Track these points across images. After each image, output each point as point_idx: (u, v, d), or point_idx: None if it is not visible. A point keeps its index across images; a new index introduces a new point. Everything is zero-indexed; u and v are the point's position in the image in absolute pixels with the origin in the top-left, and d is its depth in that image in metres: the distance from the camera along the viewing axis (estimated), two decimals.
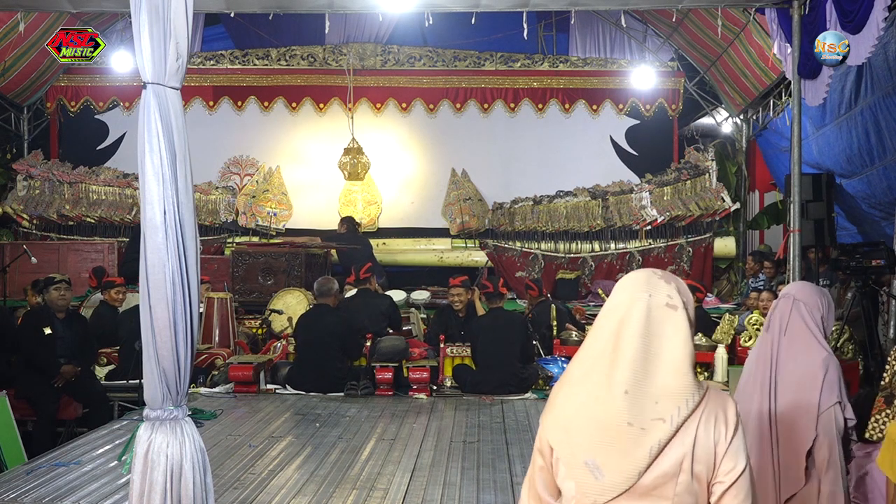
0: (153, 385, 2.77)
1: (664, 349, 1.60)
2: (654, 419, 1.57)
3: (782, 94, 10.15)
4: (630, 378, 1.59)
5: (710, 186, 11.52)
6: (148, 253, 2.71)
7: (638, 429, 1.57)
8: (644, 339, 1.61)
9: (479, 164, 12.27)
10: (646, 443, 1.57)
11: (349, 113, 11.84)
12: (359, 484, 4.56)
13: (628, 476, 1.57)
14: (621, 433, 1.58)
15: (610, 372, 1.61)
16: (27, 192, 11.66)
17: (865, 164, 7.85)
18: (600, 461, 1.59)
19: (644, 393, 1.58)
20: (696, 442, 1.59)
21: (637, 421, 1.57)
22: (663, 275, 1.71)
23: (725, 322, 8.36)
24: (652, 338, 1.61)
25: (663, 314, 1.63)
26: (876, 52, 6.21)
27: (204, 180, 11.82)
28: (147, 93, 2.70)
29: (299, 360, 7.32)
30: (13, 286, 9.54)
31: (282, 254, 9.71)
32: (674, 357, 1.60)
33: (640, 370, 1.59)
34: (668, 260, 11.48)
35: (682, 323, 1.63)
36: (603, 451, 1.59)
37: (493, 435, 5.72)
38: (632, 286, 1.68)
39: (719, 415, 1.62)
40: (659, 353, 1.60)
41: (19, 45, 10.25)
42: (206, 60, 12.27)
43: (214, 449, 5.16)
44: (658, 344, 1.61)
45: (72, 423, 6.67)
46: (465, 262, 11.74)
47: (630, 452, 1.57)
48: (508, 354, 7.17)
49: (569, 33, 12.53)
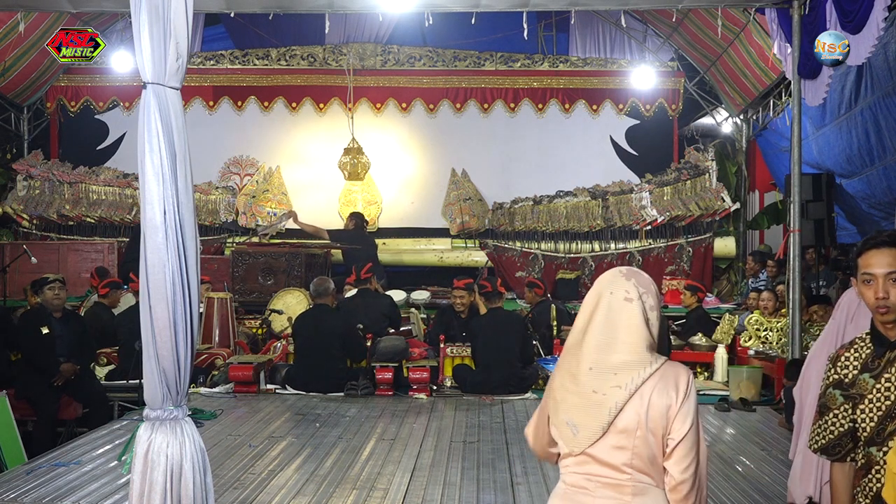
0: (153, 385, 2.77)
1: (620, 333, 2.08)
2: (612, 387, 2.05)
3: (782, 94, 10.15)
4: (594, 358, 2.08)
5: (710, 186, 11.51)
6: (148, 253, 2.70)
7: (601, 395, 2.05)
8: (605, 326, 2.10)
9: (479, 164, 12.27)
10: (607, 405, 2.04)
11: (349, 113, 11.84)
12: (359, 484, 4.56)
13: (595, 431, 2.05)
14: (589, 399, 2.07)
15: (580, 354, 2.11)
16: (27, 192, 11.66)
17: (865, 164, 7.85)
18: (576, 420, 2.08)
19: (605, 368, 2.07)
20: (650, 404, 2.03)
21: (600, 389, 2.06)
22: (626, 272, 2.17)
23: (725, 322, 8.37)
24: (611, 325, 2.09)
25: (620, 306, 2.10)
26: (876, 52, 6.21)
27: (204, 180, 11.81)
28: (147, 93, 2.70)
29: (299, 360, 7.32)
30: (13, 286, 9.54)
31: (282, 254, 9.71)
32: (628, 339, 2.08)
33: (603, 351, 2.08)
34: (668, 260, 11.48)
35: (635, 312, 2.09)
36: (577, 413, 2.08)
37: (493, 435, 5.73)
38: (599, 285, 2.17)
39: (671, 383, 2.05)
40: (617, 336, 2.08)
41: (19, 45, 10.25)
42: (206, 60, 12.27)
43: (214, 449, 5.16)
44: (616, 330, 2.09)
45: (72, 423, 6.67)
46: (465, 262, 11.74)
47: (596, 413, 2.05)
48: (508, 354, 7.17)
49: (569, 33, 12.53)
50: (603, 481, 2.06)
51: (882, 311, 2.32)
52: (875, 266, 2.33)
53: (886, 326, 2.34)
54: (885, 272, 2.32)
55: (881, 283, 2.31)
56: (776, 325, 7.66)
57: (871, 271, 2.34)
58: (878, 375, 2.31)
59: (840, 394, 2.37)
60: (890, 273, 2.31)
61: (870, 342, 2.38)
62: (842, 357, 2.41)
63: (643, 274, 2.20)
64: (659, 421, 2.02)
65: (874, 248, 2.35)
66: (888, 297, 2.30)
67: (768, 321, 7.75)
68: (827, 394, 2.40)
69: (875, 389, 2.31)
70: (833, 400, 2.38)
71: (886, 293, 2.30)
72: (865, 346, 2.39)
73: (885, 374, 2.31)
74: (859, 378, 2.34)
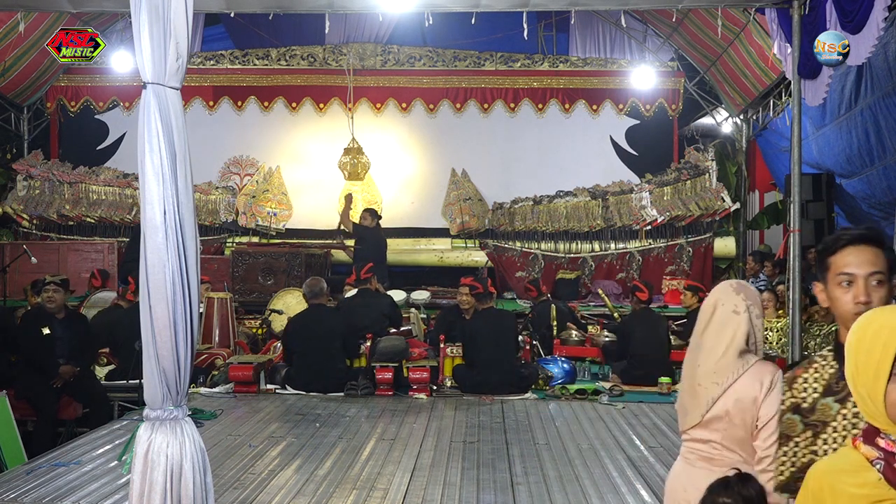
0: (153, 385, 2.77)
1: (724, 340, 2.54)
2: (712, 383, 2.53)
3: (782, 94, 10.15)
4: (704, 357, 2.58)
5: (710, 186, 11.52)
6: (148, 253, 2.70)
7: (703, 388, 2.55)
8: (715, 333, 2.57)
9: (479, 164, 12.27)
10: (705, 397, 2.54)
11: (349, 113, 11.85)
12: (359, 484, 4.56)
13: (695, 417, 2.57)
14: (695, 391, 2.58)
15: (697, 353, 2.61)
16: (27, 192, 11.66)
17: (865, 164, 7.85)
18: (687, 406, 2.61)
19: (709, 367, 2.55)
20: (740, 396, 2.48)
21: (703, 384, 2.55)
22: (736, 287, 2.62)
23: None
24: (719, 333, 2.56)
25: (729, 317, 2.55)
26: (876, 52, 6.21)
27: (204, 180, 11.81)
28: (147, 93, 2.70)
29: (299, 360, 7.32)
30: (13, 286, 9.54)
31: (282, 254, 9.72)
32: (731, 345, 2.53)
33: (710, 353, 2.56)
34: (668, 260, 11.48)
35: (741, 322, 2.55)
36: (688, 401, 2.61)
37: (493, 435, 5.72)
38: (714, 296, 2.63)
39: (758, 379, 2.48)
40: (721, 342, 2.54)
41: (19, 45, 10.26)
42: (206, 60, 12.27)
43: (214, 449, 5.16)
44: (722, 337, 2.55)
45: (72, 423, 6.67)
46: (465, 262, 11.74)
47: (698, 403, 2.56)
48: (505, 352, 7.17)
49: (569, 33, 12.54)
50: (700, 454, 2.58)
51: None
52: (854, 265, 2.00)
53: None
54: (867, 272, 1.98)
55: (862, 284, 1.98)
56: (776, 325, 7.65)
57: (850, 271, 2.00)
58: (843, 399, 1.94)
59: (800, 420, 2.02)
60: (872, 273, 1.98)
61: (833, 360, 2.00)
62: (799, 378, 2.05)
63: (750, 287, 2.65)
64: (748, 410, 2.46)
65: (852, 244, 2.02)
66: (870, 302, 1.96)
67: (768, 321, 7.75)
68: (785, 419, 2.05)
69: (840, 416, 1.94)
70: (792, 427, 2.03)
71: (869, 297, 1.97)
72: (827, 365, 2.01)
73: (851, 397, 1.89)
74: (820, 403, 1.98)
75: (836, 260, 2.03)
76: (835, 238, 2.07)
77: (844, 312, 2.00)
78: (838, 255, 2.03)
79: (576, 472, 4.79)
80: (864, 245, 2.01)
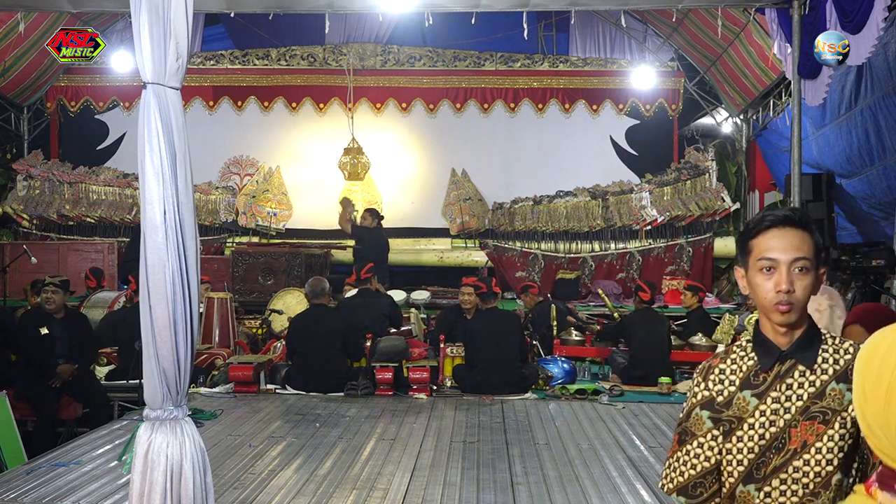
0: (153, 385, 2.76)
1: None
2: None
3: (782, 94, 10.15)
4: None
5: (710, 186, 11.52)
6: (148, 253, 2.70)
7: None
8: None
9: (479, 164, 12.27)
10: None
11: (349, 113, 11.85)
12: (359, 484, 4.56)
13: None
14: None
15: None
16: (27, 192, 11.66)
17: (865, 164, 7.85)
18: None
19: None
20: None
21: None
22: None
23: (725, 322, 8.37)
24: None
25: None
26: (876, 52, 6.21)
27: (204, 180, 11.82)
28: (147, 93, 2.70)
29: (299, 360, 7.32)
30: (13, 286, 9.54)
31: (282, 254, 9.72)
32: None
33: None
34: (668, 260, 11.48)
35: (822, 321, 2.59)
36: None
37: (493, 435, 5.72)
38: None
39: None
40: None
41: (19, 45, 10.26)
42: (206, 60, 12.27)
43: (214, 449, 5.16)
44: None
45: (72, 423, 6.67)
46: (465, 262, 11.74)
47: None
48: (507, 353, 7.17)
49: (569, 33, 12.54)
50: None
51: (784, 309, 1.79)
52: (777, 249, 1.80)
53: (779, 330, 1.83)
54: (791, 258, 1.79)
55: (784, 271, 1.79)
56: None
57: (771, 256, 1.80)
58: (762, 394, 1.82)
59: (709, 416, 1.86)
60: (796, 259, 1.79)
61: (751, 352, 1.87)
62: (715, 369, 1.89)
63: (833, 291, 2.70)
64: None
65: (775, 226, 1.82)
66: (793, 291, 1.78)
67: None
68: (692, 416, 1.88)
69: (758, 412, 1.81)
70: (699, 424, 1.87)
71: (791, 285, 1.78)
72: (746, 356, 1.87)
73: (771, 391, 1.81)
74: (737, 396, 1.84)
75: (758, 243, 1.84)
76: (758, 219, 1.88)
77: (765, 301, 1.82)
78: (761, 238, 1.83)
79: (576, 472, 4.79)
80: (788, 228, 1.81)
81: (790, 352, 1.83)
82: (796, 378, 1.81)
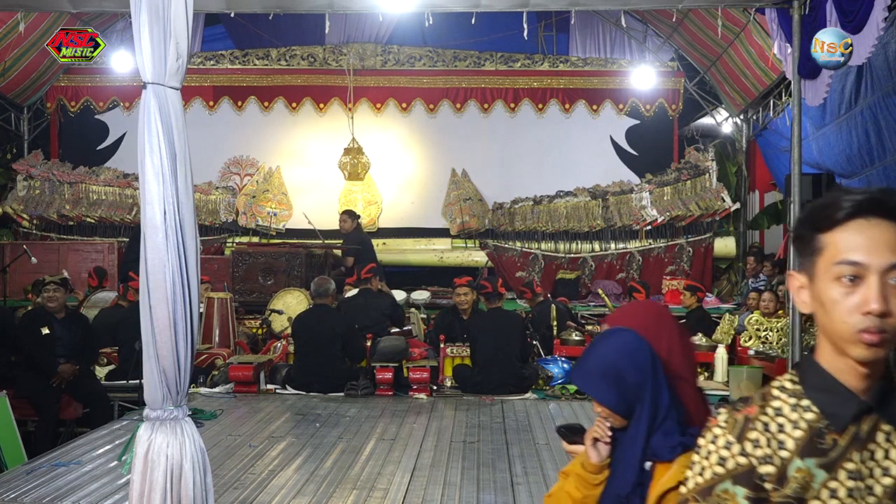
0: (153, 385, 2.77)
1: None
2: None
3: (782, 94, 10.14)
4: None
5: (710, 186, 11.52)
6: (148, 253, 2.70)
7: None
8: None
9: (479, 164, 12.27)
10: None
11: (349, 113, 11.85)
12: (359, 484, 4.56)
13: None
14: None
15: None
16: (27, 192, 11.66)
17: (865, 164, 7.85)
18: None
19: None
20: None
21: None
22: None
23: (725, 322, 8.37)
24: None
25: None
26: (876, 52, 6.20)
27: (204, 180, 11.81)
28: (147, 93, 2.70)
29: (300, 360, 7.32)
30: (13, 286, 9.54)
31: (282, 254, 9.71)
32: None
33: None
34: (668, 260, 11.48)
35: None
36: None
37: (493, 435, 5.72)
38: None
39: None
40: None
41: (19, 45, 10.25)
42: (206, 60, 12.27)
43: (214, 449, 5.16)
44: None
45: (72, 423, 6.67)
46: (465, 262, 11.74)
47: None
48: (508, 354, 7.17)
49: (569, 33, 12.53)
50: None
51: (872, 340, 1.19)
52: (865, 250, 1.20)
53: (859, 371, 1.23)
54: (887, 264, 1.19)
55: (876, 283, 1.19)
56: (776, 325, 7.66)
57: (856, 258, 1.20)
58: (832, 465, 1.22)
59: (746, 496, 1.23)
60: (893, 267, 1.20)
61: (806, 399, 1.27)
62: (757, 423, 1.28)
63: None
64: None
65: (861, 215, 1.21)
66: (890, 314, 1.18)
67: (768, 321, 7.75)
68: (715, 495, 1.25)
69: (826, 491, 1.21)
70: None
71: (885, 303, 1.19)
72: (799, 406, 1.27)
73: (846, 462, 1.22)
74: (794, 467, 1.23)
75: (834, 239, 1.23)
76: (830, 203, 1.25)
77: (842, 326, 1.21)
78: (838, 233, 1.23)
79: None
80: (879, 219, 1.21)
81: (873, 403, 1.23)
82: (880, 443, 1.23)
